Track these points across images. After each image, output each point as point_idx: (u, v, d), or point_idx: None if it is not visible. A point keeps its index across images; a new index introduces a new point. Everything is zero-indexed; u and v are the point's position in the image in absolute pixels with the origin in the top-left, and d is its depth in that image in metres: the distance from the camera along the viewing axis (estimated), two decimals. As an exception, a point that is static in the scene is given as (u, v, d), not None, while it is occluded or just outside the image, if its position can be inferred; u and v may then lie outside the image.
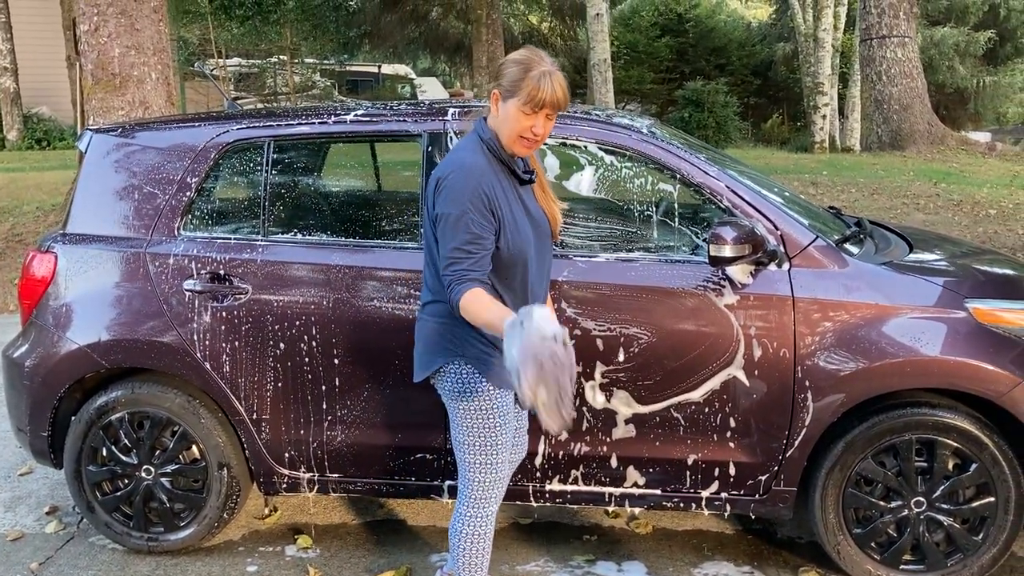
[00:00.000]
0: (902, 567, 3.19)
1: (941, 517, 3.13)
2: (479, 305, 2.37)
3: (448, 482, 3.36)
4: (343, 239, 3.39)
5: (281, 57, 23.32)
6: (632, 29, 23.85)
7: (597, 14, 14.60)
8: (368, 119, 3.44)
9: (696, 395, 3.15)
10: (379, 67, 29.23)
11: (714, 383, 3.13)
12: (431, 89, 27.73)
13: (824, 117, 18.96)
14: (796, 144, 20.36)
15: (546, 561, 3.47)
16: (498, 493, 2.72)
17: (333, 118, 3.45)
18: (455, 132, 3.31)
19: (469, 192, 2.43)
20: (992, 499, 3.10)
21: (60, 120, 18.15)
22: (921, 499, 3.13)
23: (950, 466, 3.11)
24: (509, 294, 2.58)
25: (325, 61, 25.51)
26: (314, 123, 3.45)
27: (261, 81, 24.24)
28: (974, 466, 3.08)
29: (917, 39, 15.75)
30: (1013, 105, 27.28)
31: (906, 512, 3.14)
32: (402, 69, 29.61)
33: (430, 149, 3.31)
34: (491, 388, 2.59)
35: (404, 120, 3.40)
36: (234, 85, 23.39)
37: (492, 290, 2.49)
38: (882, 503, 3.16)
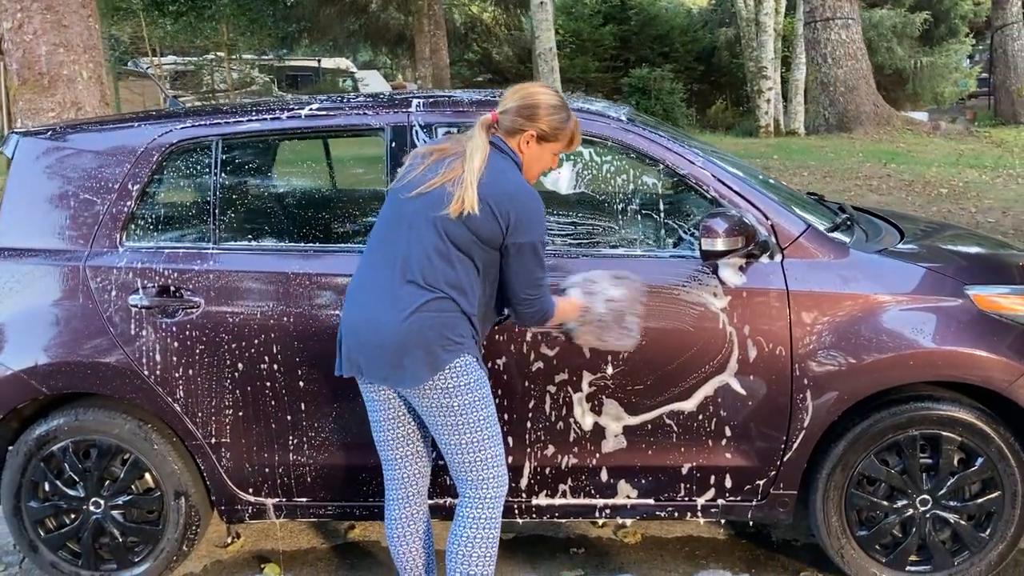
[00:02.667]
0: (908, 568, 3.05)
1: (947, 515, 2.99)
2: (561, 307, 2.71)
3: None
4: (302, 244, 3.13)
5: (218, 54, 22.74)
6: (575, 17, 23.65)
7: (541, 2, 14.36)
8: (325, 113, 3.18)
9: (689, 402, 2.96)
10: (319, 61, 28.69)
11: (707, 387, 2.94)
12: (373, 82, 27.32)
13: (768, 101, 19.03)
14: (741, 129, 20.40)
15: (533, 579, 3.27)
16: (505, 488, 2.65)
17: (287, 113, 3.18)
18: (420, 125, 3.07)
19: (544, 219, 2.55)
20: (999, 493, 2.97)
21: (-11, 124, 17.38)
22: (927, 497, 2.98)
23: (955, 461, 2.97)
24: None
25: (263, 56, 24.96)
26: (266, 119, 3.18)
27: (198, 79, 23.62)
28: (980, 460, 2.95)
29: (859, 21, 15.84)
30: (949, 85, 27.72)
31: (911, 511, 3.00)
32: (343, 63, 29.11)
33: (393, 144, 3.07)
34: (482, 375, 2.59)
35: (364, 113, 3.14)
36: (170, 83, 22.75)
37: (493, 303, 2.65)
38: (886, 503, 3.01)
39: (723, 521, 3.60)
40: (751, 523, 3.35)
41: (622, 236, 3.15)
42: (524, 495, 3.09)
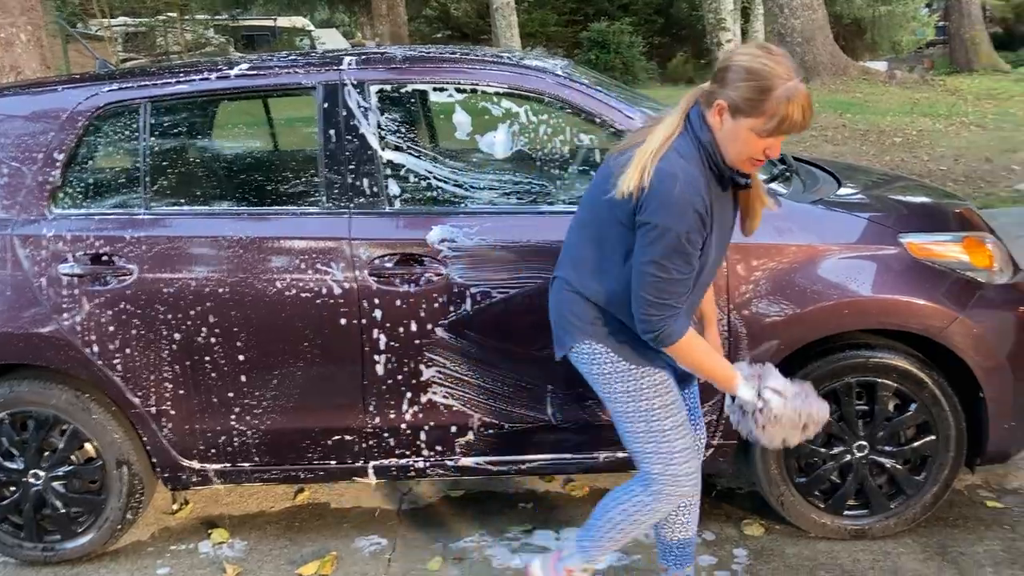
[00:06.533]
0: (846, 513, 3.11)
1: (883, 460, 3.05)
2: (701, 353, 2.26)
3: (372, 463, 3.12)
4: (236, 207, 3.08)
5: (170, 14, 22.17)
6: (533, -29, 23.35)
7: (497, -45, 14.15)
8: (255, 73, 3.11)
9: None
10: (275, 20, 28.12)
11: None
12: (331, 41, 26.84)
13: (728, 53, 18.96)
14: (702, 81, 20.22)
15: (481, 535, 3.29)
16: (686, 490, 2.39)
17: (216, 74, 3.11)
18: (352, 83, 3.02)
19: (691, 210, 2.10)
20: (933, 437, 3.03)
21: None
22: (863, 443, 3.04)
23: (891, 407, 3.02)
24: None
25: (217, 16, 24.39)
26: (194, 80, 3.10)
27: (151, 40, 23.01)
28: (914, 406, 3.00)
29: (816, -30, 15.79)
30: (907, 33, 27.78)
31: (849, 457, 3.05)
32: (299, 21, 28.58)
33: (326, 104, 3.02)
34: (632, 367, 2.34)
35: (295, 72, 3.08)
36: (122, 46, 22.17)
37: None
38: (824, 450, 3.05)
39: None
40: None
41: (554, 194, 3.12)
42: (456, 453, 3.10)
